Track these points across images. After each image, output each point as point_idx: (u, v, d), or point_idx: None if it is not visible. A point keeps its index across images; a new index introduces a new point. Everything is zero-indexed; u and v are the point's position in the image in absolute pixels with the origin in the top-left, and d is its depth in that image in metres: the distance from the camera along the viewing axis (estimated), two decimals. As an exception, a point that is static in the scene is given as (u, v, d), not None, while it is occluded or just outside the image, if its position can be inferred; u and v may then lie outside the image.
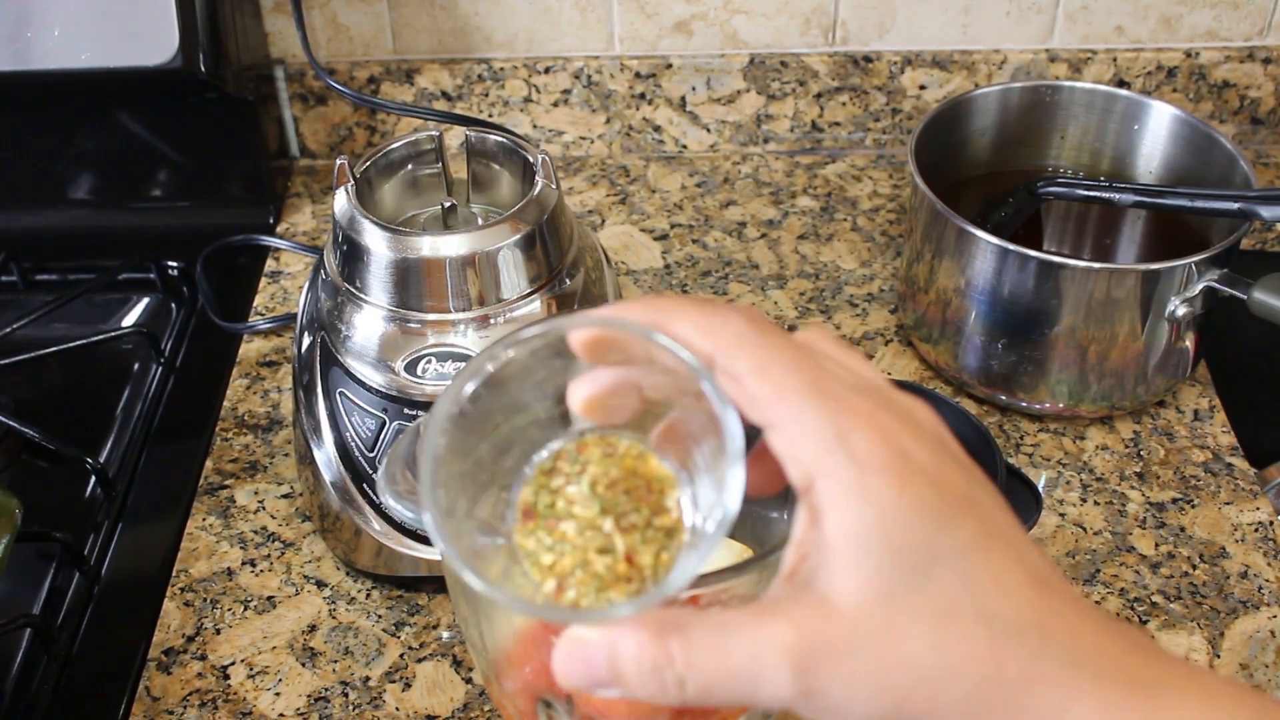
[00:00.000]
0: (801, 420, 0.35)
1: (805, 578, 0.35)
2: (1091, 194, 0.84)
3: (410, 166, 0.73)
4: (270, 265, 0.97)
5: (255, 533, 0.77)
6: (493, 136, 0.73)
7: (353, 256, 0.68)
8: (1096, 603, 0.72)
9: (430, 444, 0.37)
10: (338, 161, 0.70)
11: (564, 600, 0.37)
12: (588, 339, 0.37)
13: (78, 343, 0.86)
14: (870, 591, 0.34)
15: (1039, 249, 0.77)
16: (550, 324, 0.37)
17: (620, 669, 0.36)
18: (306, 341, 0.72)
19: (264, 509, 0.78)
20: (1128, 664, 0.35)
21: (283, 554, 0.76)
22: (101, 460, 0.80)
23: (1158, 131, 0.87)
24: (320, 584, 0.74)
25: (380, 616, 0.72)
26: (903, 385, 0.41)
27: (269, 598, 0.73)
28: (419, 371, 0.68)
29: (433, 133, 0.73)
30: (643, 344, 0.36)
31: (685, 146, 1.07)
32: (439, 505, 0.36)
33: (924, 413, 0.37)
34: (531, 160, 0.71)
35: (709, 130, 1.06)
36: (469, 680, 0.69)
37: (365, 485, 0.70)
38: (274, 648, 0.71)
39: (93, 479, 0.79)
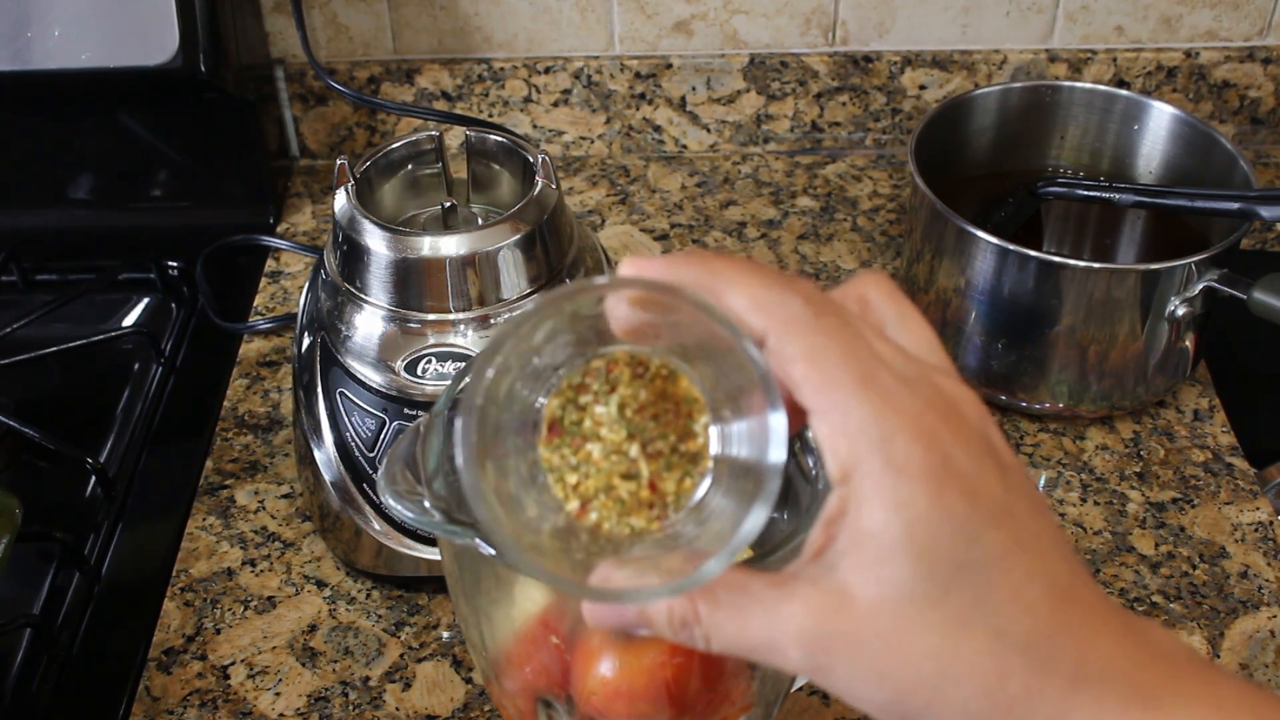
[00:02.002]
0: (846, 415, 0.35)
1: (829, 562, 0.36)
2: (1091, 194, 0.84)
3: (410, 166, 0.73)
4: (270, 265, 0.97)
5: (255, 533, 0.77)
6: (493, 136, 0.73)
7: (353, 256, 0.68)
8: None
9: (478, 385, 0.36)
10: (338, 161, 0.70)
11: (586, 521, 0.38)
12: (631, 296, 0.37)
13: (78, 343, 0.86)
14: (886, 594, 0.35)
15: (1039, 249, 0.77)
16: (606, 279, 0.37)
17: (651, 619, 0.38)
18: (306, 341, 0.72)
19: (264, 509, 0.78)
20: (1136, 675, 0.36)
21: (283, 554, 0.76)
22: (101, 460, 0.80)
23: (1158, 131, 0.87)
24: (320, 584, 0.74)
25: (380, 616, 0.72)
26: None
27: (269, 598, 0.73)
28: (419, 371, 0.68)
29: (433, 133, 0.73)
30: (690, 307, 0.36)
31: (685, 146, 1.07)
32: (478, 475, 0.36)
33: (972, 406, 0.37)
34: (531, 160, 0.71)
35: (709, 130, 1.06)
36: (469, 680, 0.69)
37: (365, 485, 0.70)
38: (274, 648, 0.71)
39: (93, 479, 0.79)
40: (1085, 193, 0.85)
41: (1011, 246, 0.76)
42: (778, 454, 0.35)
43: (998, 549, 0.35)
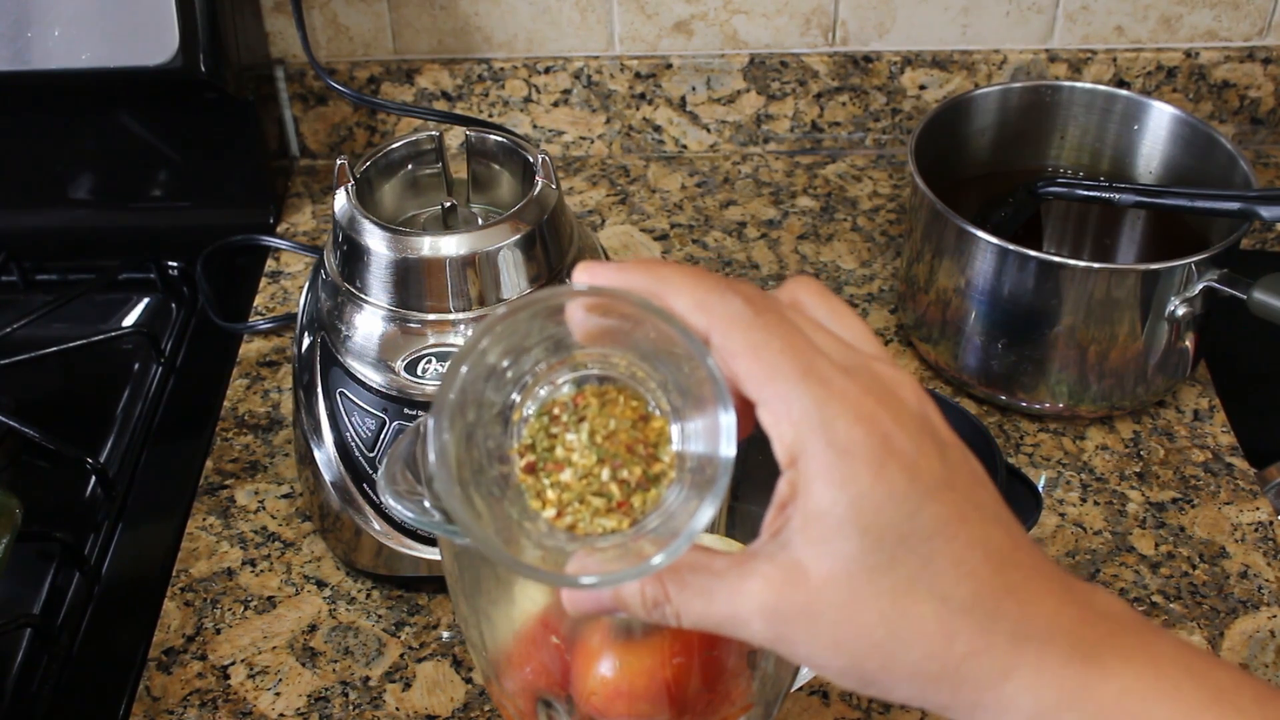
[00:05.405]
0: (789, 403, 0.37)
1: (783, 540, 0.38)
2: (1091, 194, 0.84)
3: (410, 166, 0.73)
4: (270, 265, 0.97)
5: (255, 533, 0.77)
6: (493, 136, 0.73)
7: (353, 256, 0.68)
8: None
9: (438, 437, 0.38)
10: (338, 161, 0.70)
11: (561, 524, 0.40)
12: (587, 304, 0.40)
13: (78, 343, 0.86)
14: (837, 567, 0.37)
15: (1039, 249, 0.77)
16: (554, 290, 0.39)
17: (625, 601, 0.40)
18: (306, 341, 0.72)
19: (264, 509, 0.78)
20: (1078, 633, 0.38)
21: (283, 554, 0.76)
22: (101, 460, 0.80)
23: (1158, 131, 0.87)
24: (320, 584, 0.74)
25: (380, 616, 0.72)
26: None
27: (269, 598, 0.73)
28: (419, 371, 0.68)
29: (433, 133, 0.73)
30: (640, 311, 0.38)
31: (685, 146, 1.07)
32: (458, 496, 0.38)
33: (909, 390, 0.39)
34: (531, 160, 0.71)
35: (709, 130, 1.06)
36: (469, 680, 0.69)
37: (365, 485, 0.70)
38: (274, 648, 0.71)
39: (93, 479, 0.79)
40: (1085, 193, 0.85)
41: (1011, 246, 0.76)
42: (728, 449, 0.37)
43: (939, 520, 0.37)
